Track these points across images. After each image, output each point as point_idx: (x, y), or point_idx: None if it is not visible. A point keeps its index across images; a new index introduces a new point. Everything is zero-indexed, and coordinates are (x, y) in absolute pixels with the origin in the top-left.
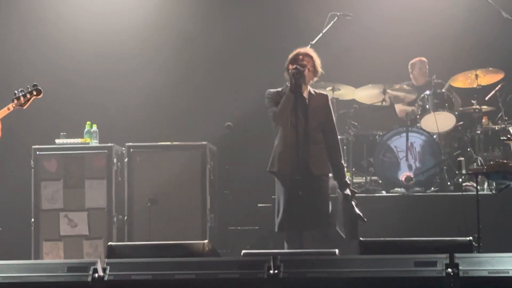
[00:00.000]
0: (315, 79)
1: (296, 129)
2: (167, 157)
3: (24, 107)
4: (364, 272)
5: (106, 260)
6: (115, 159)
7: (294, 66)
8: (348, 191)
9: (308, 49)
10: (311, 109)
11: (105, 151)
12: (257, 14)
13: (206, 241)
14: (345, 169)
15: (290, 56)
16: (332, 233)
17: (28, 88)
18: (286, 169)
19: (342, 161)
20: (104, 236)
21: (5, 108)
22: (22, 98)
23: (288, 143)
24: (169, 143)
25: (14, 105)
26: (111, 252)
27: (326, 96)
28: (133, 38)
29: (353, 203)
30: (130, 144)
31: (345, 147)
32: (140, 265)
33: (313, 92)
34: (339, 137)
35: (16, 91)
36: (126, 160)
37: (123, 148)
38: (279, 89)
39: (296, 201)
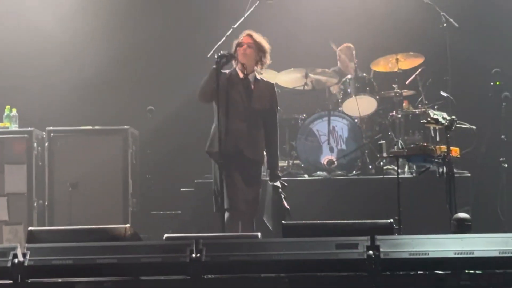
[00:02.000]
0: (266, 61)
1: (233, 109)
2: (88, 142)
3: None
4: (286, 255)
5: (26, 245)
6: (35, 144)
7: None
8: (278, 183)
9: (251, 31)
10: (256, 93)
11: (25, 135)
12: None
13: (127, 225)
14: (278, 162)
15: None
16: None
17: None
18: (221, 149)
19: (278, 153)
20: (24, 221)
21: None
22: None
23: (222, 122)
24: (90, 127)
25: None
26: (31, 237)
27: (273, 85)
28: (54, 23)
29: (282, 196)
30: (51, 128)
31: None
32: (60, 250)
33: (259, 78)
34: None
35: None
36: (46, 144)
37: (44, 133)
38: (227, 71)
39: (229, 183)
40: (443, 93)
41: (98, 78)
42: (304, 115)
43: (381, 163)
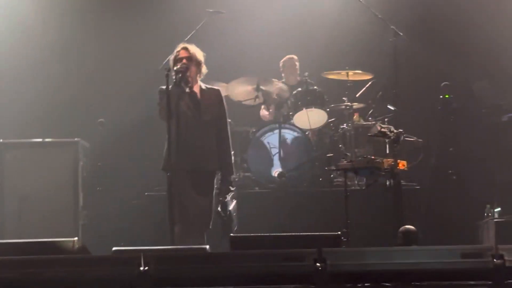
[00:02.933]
0: (203, 69)
1: (185, 124)
2: (39, 154)
3: None
4: (233, 267)
5: None
6: None
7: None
8: (224, 188)
9: (183, 44)
10: (203, 104)
11: None
12: (132, 11)
13: (75, 238)
14: (232, 167)
15: (173, 53)
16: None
17: None
18: (175, 164)
19: (231, 159)
20: None
21: None
22: None
23: (176, 138)
24: (40, 139)
25: None
26: None
27: (218, 90)
28: (4, 35)
29: (222, 199)
30: (1, 140)
31: None
32: (7, 264)
33: (204, 87)
34: None
35: None
36: None
37: None
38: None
39: (181, 197)
40: (390, 107)
41: (49, 90)
42: (255, 127)
43: (331, 176)
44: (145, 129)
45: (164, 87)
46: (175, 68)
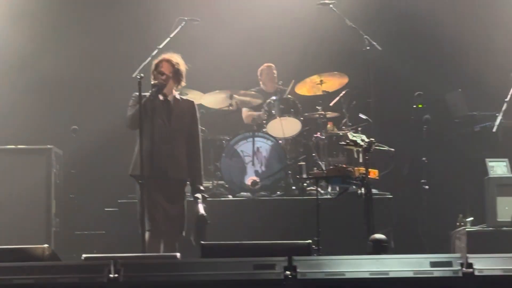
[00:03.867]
0: (182, 83)
1: (156, 132)
2: (11, 161)
3: None
4: (204, 275)
5: None
6: None
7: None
8: (198, 195)
9: (170, 55)
10: (175, 113)
11: None
12: (106, 17)
13: (46, 245)
14: (202, 177)
15: (154, 62)
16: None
17: None
18: (144, 171)
19: (200, 168)
20: None
21: None
22: None
23: (146, 144)
24: (13, 146)
25: None
26: None
27: (192, 102)
28: None
29: (201, 205)
30: None
31: None
32: None
33: (178, 98)
34: None
35: None
36: None
37: None
38: (147, 93)
39: (151, 205)
40: (362, 116)
41: (21, 96)
42: (229, 136)
43: (304, 184)
44: (118, 136)
45: (137, 93)
46: (152, 81)
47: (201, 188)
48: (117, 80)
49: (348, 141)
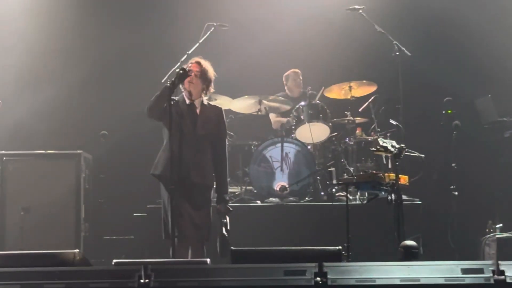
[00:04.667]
0: (211, 89)
1: (181, 137)
2: (41, 166)
3: None
4: (234, 281)
5: None
6: None
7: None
8: (222, 207)
9: (199, 59)
10: (201, 119)
11: None
12: (136, 23)
13: (77, 250)
14: (227, 186)
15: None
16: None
17: None
18: (167, 173)
19: (226, 175)
20: None
21: None
22: None
23: (171, 148)
24: (43, 151)
25: None
26: None
27: (220, 109)
28: (8, 46)
29: (225, 221)
30: (3, 152)
31: None
32: (8, 275)
33: (206, 103)
34: None
35: None
36: None
37: None
38: (175, 98)
39: (177, 211)
40: (392, 122)
41: (52, 102)
42: (258, 141)
43: (333, 190)
44: (147, 141)
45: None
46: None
47: (226, 197)
48: (146, 86)
49: (378, 147)
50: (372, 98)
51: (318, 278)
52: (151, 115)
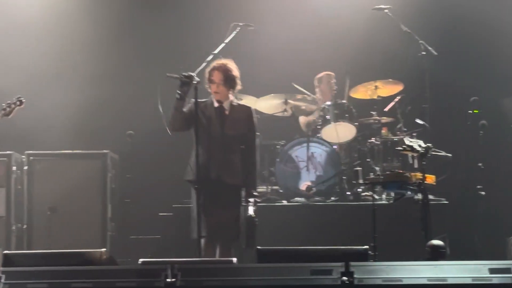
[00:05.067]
0: (238, 87)
1: (210, 139)
2: (67, 165)
3: (9, 116)
4: (260, 280)
5: (2, 268)
6: (14, 167)
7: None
8: (251, 199)
9: (220, 62)
10: (230, 119)
11: (5, 159)
12: (161, 24)
13: (103, 249)
14: (256, 182)
15: (207, 70)
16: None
17: (13, 99)
18: (199, 177)
19: (255, 174)
20: (2, 245)
21: None
22: (8, 109)
23: (201, 151)
24: (70, 151)
25: (1, 116)
26: (7, 260)
27: (249, 108)
28: (34, 46)
29: (251, 208)
30: (30, 152)
31: None
32: (36, 274)
33: (235, 103)
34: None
35: (3, 104)
36: (25, 168)
37: (23, 156)
38: (204, 100)
39: (206, 211)
40: (418, 121)
41: (78, 101)
42: (283, 141)
43: (359, 190)
44: (173, 141)
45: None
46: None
47: (255, 193)
48: (172, 86)
49: (404, 146)
50: (398, 97)
51: (345, 278)
52: (173, 129)
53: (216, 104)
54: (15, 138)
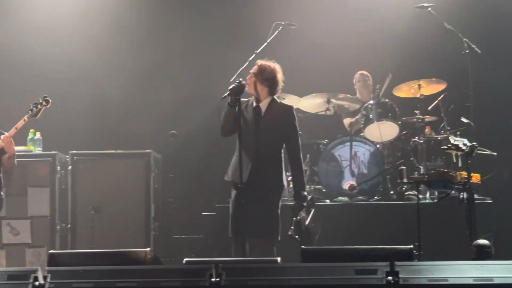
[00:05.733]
0: (278, 89)
1: (247, 140)
2: (111, 165)
3: (37, 117)
4: (305, 280)
5: (47, 268)
6: (58, 167)
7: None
8: (296, 204)
9: (261, 62)
10: (265, 120)
11: (49, 159)
12: (204, 23)
13: (148, 249)
14: (304, 182)
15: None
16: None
17: (40, 99)
18: (236, 179)
19: (301, 173)
20: (47, 244)
21: (21, 120)
22: (34, 109)
23: (240, 153)
24: (113, 151)
25: (28, 117)
26: (53, 260)
27: (288, 107)
28: (79, 45)
29: (295, 219)
30: (74, 152)
31: None
32: (81, 273)
33: (276, 102)
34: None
35: (31, 105)
36: (69, 168)
37: (67, 156)
38: (247, 99)
39: (242, 209)
40: (464, 120)
41: (122, 102)
42: (326, 140)
43: (403, 189)
44: (216, 141)
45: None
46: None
47: (302, 193)
48: (214, 85)
49: (449, 145)
50: (442, 96)
51: (390, 277)
52: (225, 134)
53: (254, 104)
54: (59, 138)
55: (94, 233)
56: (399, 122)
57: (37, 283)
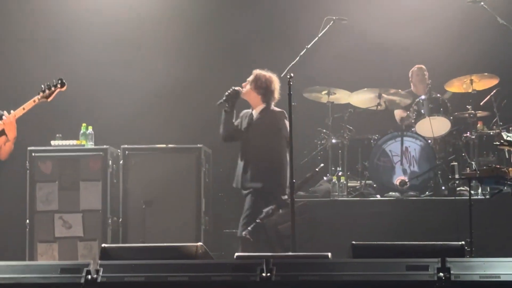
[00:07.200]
0: (272, 99)
1: (242, 146)
2: (162, 160)
3: (49, 100)
4: (356, 275)
5: (100, 261)
6: (110, 161)
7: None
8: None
9: (252, 75)
10: (255, 126)
11: (101, 153)
12: (254, 18)
13: (199, 243)
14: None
15: None
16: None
17: (53, 81)
18: (238, 184)
19: (283, 179)
20: (98, 238)
21: (31, 100)
22: (47, 91)
23: (242, 159)
24: (164, 145)
25: (39, 98)
26: (105, 253)
27: (279, 113)
28: (129, 40)
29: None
30: (126, 146)
31: (340, 151)
32: (133, 267)
33: (266, 110)
34: (333, 141)
35: (42, 85)
36: (121, 162)
37: (119, 150)
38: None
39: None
40: None
41: (173, 96)
42: (377, 135)
43: (454, 185)
44: None
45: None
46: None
47: (282, 197)
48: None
49: (502, 141)
50: (494, 91)
51: (441, 274)
52: (226, 140)
53: (252, 111)
54: (111, 132)
55: (145, 227)
56: (451, 118)
57: (89, 276)
